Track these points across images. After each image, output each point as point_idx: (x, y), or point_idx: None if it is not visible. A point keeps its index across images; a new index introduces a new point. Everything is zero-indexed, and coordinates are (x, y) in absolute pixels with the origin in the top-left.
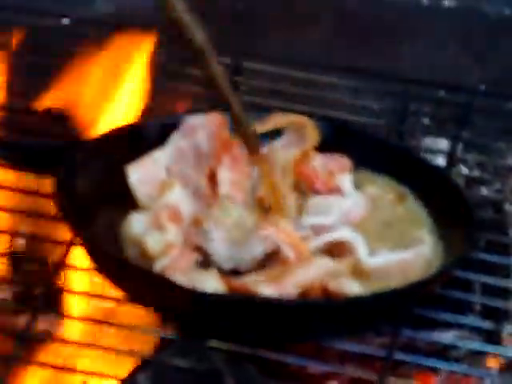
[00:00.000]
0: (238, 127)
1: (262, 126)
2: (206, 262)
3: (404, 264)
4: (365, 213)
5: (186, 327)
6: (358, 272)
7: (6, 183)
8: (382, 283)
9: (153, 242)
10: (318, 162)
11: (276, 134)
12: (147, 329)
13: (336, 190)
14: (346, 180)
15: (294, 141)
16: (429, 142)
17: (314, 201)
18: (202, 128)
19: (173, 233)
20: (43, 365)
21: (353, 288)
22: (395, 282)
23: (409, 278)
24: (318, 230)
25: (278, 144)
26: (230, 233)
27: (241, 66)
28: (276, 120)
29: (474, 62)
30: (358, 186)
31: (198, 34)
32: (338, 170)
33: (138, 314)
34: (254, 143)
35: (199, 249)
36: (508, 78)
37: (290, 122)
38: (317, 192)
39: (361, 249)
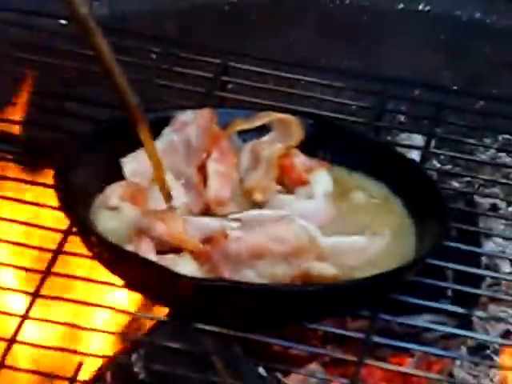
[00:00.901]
0: (123, 101)
1: (251, 123)
2: None
3: (355, 247)
4: (327, 220)
5: (177, 311)
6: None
7: (8, 174)
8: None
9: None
10: (300, 158)
11: (263, 130)
12: (140, 312)
13: (307, 185)
14: (322, 179)
15: (280, 137)
16: (404, 137)
17: (278, 198)
18: (192, 123)
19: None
20: (40, 347)
21: (330, 270)
22: (349, 263)
23: (361, 259)
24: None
25: (266, 139)
26: None
27: (229, 66)
28: (264, 117)
29: (447, 62)
30: (335, 180)
31: (82, 8)
32: (316, 166)
33: (131, 298)
34: (138, 114)
35: None
36: (479, 79)
37: (277, 119)
38: (291, 184)
39: (313, 231)
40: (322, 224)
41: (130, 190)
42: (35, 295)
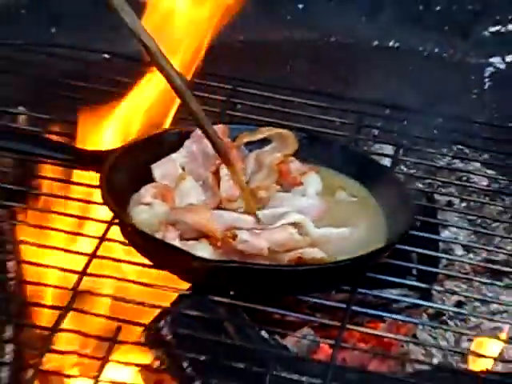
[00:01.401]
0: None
1: (254, 136)
2: None
3: (340, 236)
4: (319, 214)
5: (197, 286)
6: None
7: (63, 177)
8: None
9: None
10: (295, 164)
11: (265, 141)
12: (166, 286)
13: (301, 186)
14: (313, 181)
15: (278, 147)
16: (378, 147)
17: (278, 195)
18: None
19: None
20: (83, 312)
21: (319, 254)
22: (334, 248)
23: (345, 246)
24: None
25: (267, 149)
26: None
27: (238, 91)
28: (265, 132)
29: (412, 88)
30: (324, 182)
31: (151, 42)
32: (308, 170)
33: (160, 275)
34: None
35: None
36: (437, 101)
37: (276, 133)
38: (288, 185)
39: (308, 225)
40: (315, 217)
41: (160, 189)
42: (83, 274)
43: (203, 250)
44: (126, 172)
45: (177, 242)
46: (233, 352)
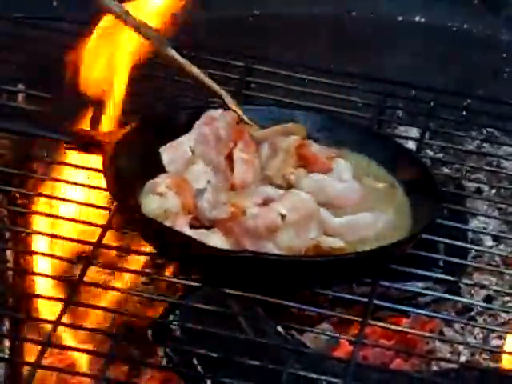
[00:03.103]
0: None
1: (258, 137)
2: None
3: (364, 222)
4: (357, 200)
5: (208, 278)
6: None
7: (66, 161)
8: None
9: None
10: (316, 148)
11: None
12: (176, 279)
13: (331, 171)
14: (344, 165)
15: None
16: (402, 130)
17: (311, 177)
18: (220, 119)
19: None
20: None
21: (337, 243)
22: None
23: (369, 232)
24: None
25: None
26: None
27: (252, 68)
28: (268, 133)
29: (439, 66)
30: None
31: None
32: (336, 154)
33: (168, 266)
34: None
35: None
36: (466, 80)
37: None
38: (317, 171)
39: (323, 213)
40: (353, 203)
41: (175, 180)
42: (88, 264)
43: (215, 239)
44: (130, 155)
45: (187, 231)
46: (247, 348)
